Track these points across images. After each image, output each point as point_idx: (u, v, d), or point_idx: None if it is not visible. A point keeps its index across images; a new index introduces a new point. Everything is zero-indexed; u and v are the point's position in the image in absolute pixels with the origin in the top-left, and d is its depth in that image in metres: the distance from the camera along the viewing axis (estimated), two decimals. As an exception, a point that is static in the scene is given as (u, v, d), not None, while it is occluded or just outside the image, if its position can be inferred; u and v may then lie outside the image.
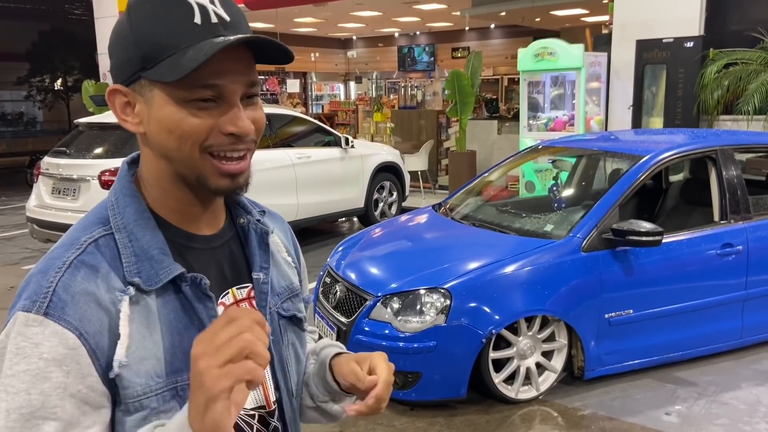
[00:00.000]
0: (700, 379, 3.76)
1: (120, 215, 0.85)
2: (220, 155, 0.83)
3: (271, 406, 0.95)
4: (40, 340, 0.74)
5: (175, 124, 0.80)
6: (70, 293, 0.76)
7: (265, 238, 0.97)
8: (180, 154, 0.82)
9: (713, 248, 3.83)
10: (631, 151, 4.15)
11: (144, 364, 0.79)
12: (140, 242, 0.83)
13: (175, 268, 0.83)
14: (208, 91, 0.80)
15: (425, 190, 9.85)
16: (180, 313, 0.84)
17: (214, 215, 0.93)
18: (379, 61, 21.44)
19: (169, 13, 0.79)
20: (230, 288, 0.92)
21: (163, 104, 0.81)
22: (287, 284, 1.01)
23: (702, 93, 6.80)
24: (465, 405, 3.48)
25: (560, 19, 13.69)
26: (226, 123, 0.81)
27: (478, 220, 4.30)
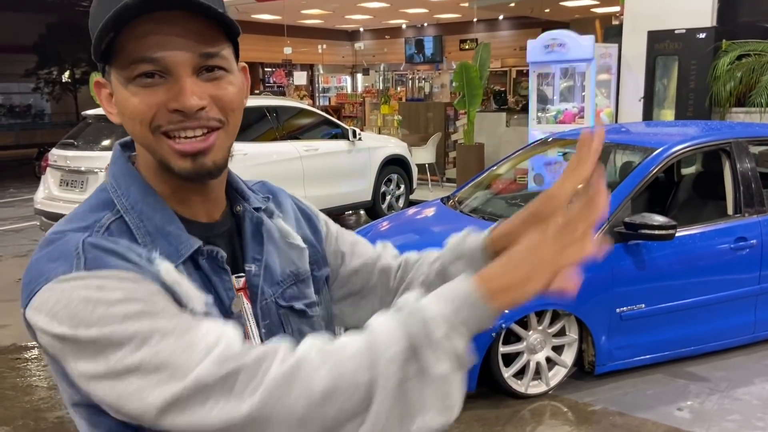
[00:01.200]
0: (712, 374, 3.72)
1: (125, 196, 0.81)
2: (174, 135, 0.78)
3: None
4: (100, 283, 0.70)
5: (123, 105, 0.78)
6: (100, 250, 0.73)
7: (260, 229, 0.93)
8: (139, 138, 0.80)
9: (727, 242, 3.78)
10: (644, 143, 4.09)
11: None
12: (152, 221, 0.80)
13: (193, 242, 0.81)
14: (147, 65, 0.75)
15: (433, 183, 9.80)
16: (199, 287, 0.81)
17: (213, 203, 0.89)
18: (386, 53, 21.36)
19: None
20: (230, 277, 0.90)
21: (117, 87, 0.78)
22: (291, 270, 0.95)
23: (714, 85, 6.72)
24: (474, 399, 3.45)
25: (570, 10, 13.58)
26: (170, 99, 0.76)
27: (488, 213, 4.26)
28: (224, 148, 0.82)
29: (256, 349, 0.71)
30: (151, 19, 0.74)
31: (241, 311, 0.86)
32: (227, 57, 0.81)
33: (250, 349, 0.71)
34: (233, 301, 0.85)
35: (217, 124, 0.80)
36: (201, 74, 0.78)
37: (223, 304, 0.83)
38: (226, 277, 0.85)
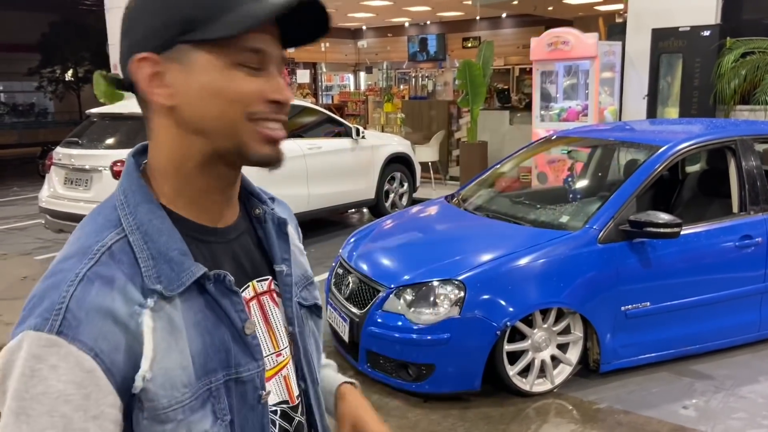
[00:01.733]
0: (718, 372, 3.71)
1: (132, 215, 0.79)
2: (263, 123, 0.80)
3: (294, 400, 0.93)
4: (55, 362, 0.69)
5: (222, 87, 0.77)
6: (84, 310, 0.71)
7: (284, 228, 0.95)
8: (222, 121, 0.78)
9: (732, 240, 3.77)
10: (649, 141, 4.09)
11: (168, 374, 0.75)
12: (157, 244, 0.78)
13: (197, 269, 0.79)
14: (254, 56, 0.78)
15: (436, 181, 9.80)
16: (207, 312, 0.80)
17: (231, 206, 0.89)
18: (389, 51, 21.33)
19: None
20: (250, 281, 0.89)
21: (209, 68, 0.77)
22: (302, 273, 0.99)
23: (719, 82, 6.70)
24: (479, 398, 3.45)
25: (573, 7, 13.54)
26: (271, 90, 0.80)
27: (492, 211, 4.26)
28: None
29: None
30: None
31: (254, 332, 0.85)
32: None
33: None
34: (246, 324, 0.83)
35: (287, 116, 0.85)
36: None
37: (235, 327, 0.82)
38: (236, 298, 0.83)
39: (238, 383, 0.82)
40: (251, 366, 0.83)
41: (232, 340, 0.82)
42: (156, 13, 0.77)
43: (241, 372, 0.82)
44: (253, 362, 0.83)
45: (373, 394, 3.54)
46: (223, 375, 0.80)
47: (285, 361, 0.91)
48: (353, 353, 3.65)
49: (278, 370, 0.90)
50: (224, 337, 0.81)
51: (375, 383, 3.61)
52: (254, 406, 0.84)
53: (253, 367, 0.83)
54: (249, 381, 0.83)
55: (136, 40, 0.79)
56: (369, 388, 3.60)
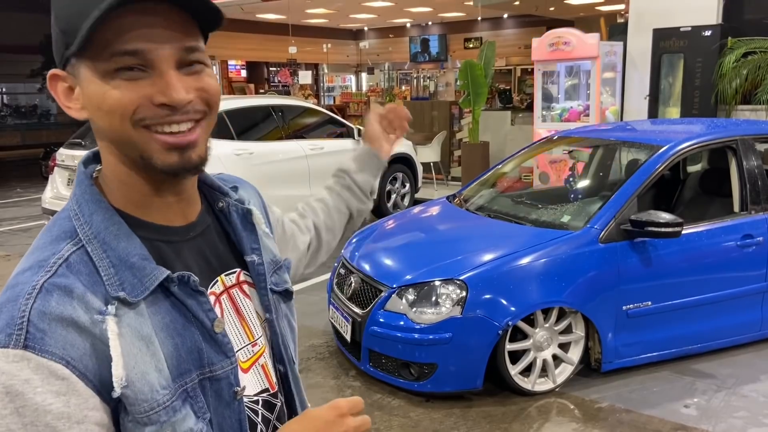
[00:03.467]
0: (719, 371, 3.72)
1: (87, 224, 0.78)
2: (158, 129, 0.76)
3: (274, 387, 0.94)
4: (28, 376, 0.68)
5: (100, 99, 0.74)
6: (46, 321, 0.70)
7: (249, 218, 0.94)
8: (113, 132, 0.76)
9: (733, 239, 3.78)
10: (650, 141, 4.10)
11: (146, 378, 0.74)
12: (116, 251, 0.77)
13: (159, 273, 0.78)
14: (130, 59, 0.73)
15: (438, 182, 9.81)
16: (175, 314, 0.80)
17: (188, 203, 0.87)
18: (391, 52, 21.35)
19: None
20: (218, 276, 0.89)
21: (90, 80, 0.75)
22: (271, 258, 0.98)
23: (720, 82, 6.70)
24: (481, 397, 3.46)
25: (574, 8, 13.55)
26: (156, 93, 0.74)
27: (494, 211, 4.27)
28: (206, 141, 0.82)
29: None
30: (134, 10, 0.73)
31: (224, 330, 0.84)
32: (204, 51, 0.81)
33: None
34: (215, 323, 0.83)
35: (201, 116, 0.80)
36: (182, 68, 0.77)
37: (204, 326, 0.82)
38: (203, 298, 0.83)
39: (212, 381, 0.82)
40: (224, 363, 0.83)
41: (203, 340, 0.81)
42: (52, 30, 0.77)
43: (214, 370, 0.82)
44: (226, 359, 0.84)
45: (376, 394, 3.55)
46: (198, 374, 0.80)
47: (261, 350, 0.92)
48: (355, 353, 3.66)
49: (255, 359, 0.91)
50: (195, 337, 0.81)
51: (377, 382, 3.62)
52: (230, 403, 0.84)
53: (226, 364, 0.84)
54: (223, 378, 0.83)
55: (55, 56, 0.78)
56: (371, 388, 3.62)
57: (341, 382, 3.73)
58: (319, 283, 5.48)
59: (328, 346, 4.21)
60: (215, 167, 0.90)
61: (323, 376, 3.81)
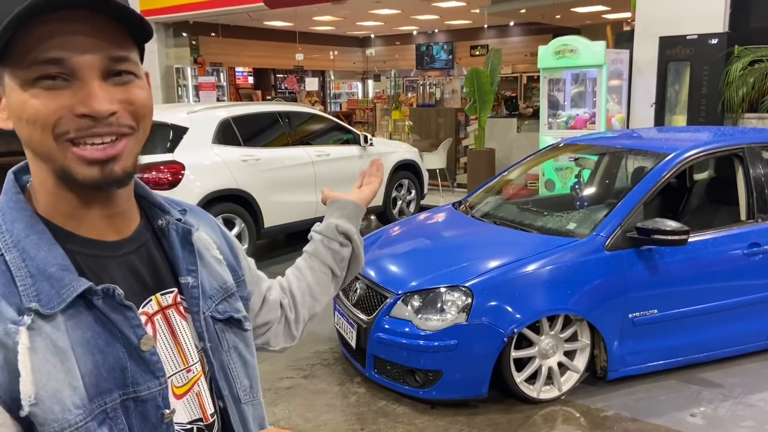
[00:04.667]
0: (726, 380, 3.70)
1: (8, 232, 0.75)
2: (80, 142, 0.73)
3: (208, 419, 0.87)
4: None
5: (20, 109, 0.72)
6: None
7: (189, 238, 0.89)
8: (35, 144, 0.74)
9: (740, 248, 3.76)
10: (656, 148, 4.09)
11: (57, 396, 0.70)
12: (35, 260, 0.74)
13: (78, 284, 0.74)
14: (51, 67, 0.70)
15: (443, 189, 9.81)
16: (98, 329, 0.75)
17: (122, 218, 0.83)
18: (397, 59, 21.41)
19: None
20: (153, 294, 0.84)
21: (12, 89, 0.72)
22: (220, 284, 0.93)
23: (726, 90, 6.69)
24: (486, 404, 3.45)
25: (581, 16, 13.57)
26: (78, 103, 0.71)
27: (499, 218, 4.27)
28: (134, 154, 0.78)
29: None
30: (55, 17, 0.70)
31: (154, 348, 0.80)
32: (135, 61, 0.78)
33: None
34: (142, 340, 0.78)
35: (128, 131, 0.76)
36: (109, 78, 0.74)
37: (130, 343, 0.77)
38: (131, 313, 0.78)
39: (137, 402, 0.77)
40: (152, 384, 0.78)
41: (128, 358, 0.77)
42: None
43: (140, 390, 0.77)
44: (154, 380, 0.79)
45: (380, 400, 3.55)
46: (120, 394, 0.76)
47: (196, 377, 0.86)
48: (360, 359, 3.66)
49: (190, 386, 0.85)
50: (118, 355, 0.76)
51: (382, 389, 3.62)
52: (157, 426, 0.79)
53: (154, 384, 0.79)
54: (150, 399, 0.78)
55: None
56: (376, 394, 3.61)
57: (346, 389, 3.72)
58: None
59: (333, 352, 4.21)
60: (222, 173, 0.87)
61: (328, 382, 3.81)
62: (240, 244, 1.08)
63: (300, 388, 3.73)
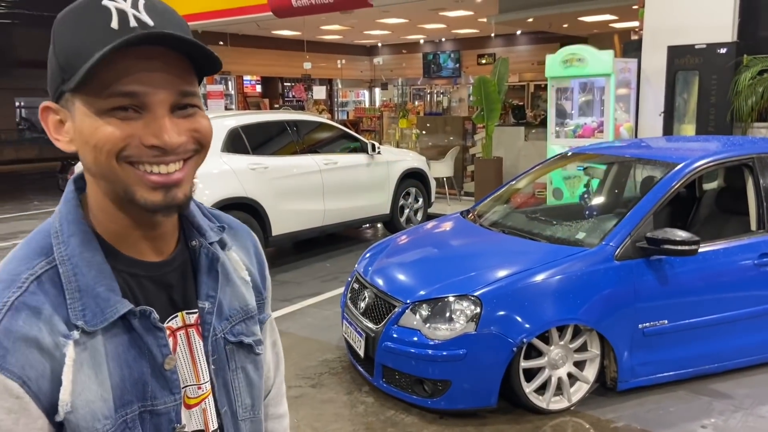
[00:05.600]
0: (736, 391, 3.67)
1: (64, 245, 0.80)
2: (145, 168, 0.78)
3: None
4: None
5: (90, 134, 0.76)
6: (11, 339, 0.73)
7: (215, 265, 0.93)
8: (99, 167, 0.78)
9: (750, 258, 3.74)
10: (665, 158, 4.08)
11: (90, 407, 0.77)
12: (86, 278, 0.79)
13: (122, 306, 0.80)
14: (125, 99, 0.75)
15: (451, 197, 9.81)
16: (129, 346, 0.81)
17: (164, 240, 0.88)
18: (404, 68, 21.47)
19: (87, 21, 0.75)
20: (180, 312, 0.89)
21: (83, 116, 0.77)
22: (241, 306, 0.97)
23: (736, 100, 6.67)
24: (495, 414, 3.43)
25: (588, 25, 13.57)
26: (148, 134, 0.76)
27: (508, 227, 4.26)
28: (192, 178, 0.83)
29: None
30: (133, 53, 0.74)
31: (174, 367, 0.86)
32: (199, 95, 0.82)
33: None
34: (166, 359, 0.84)
35: (192, 154, 0.82)
36: (175, 112, 0.79)
37: (155, 361, 0.83)
38: (161, 334, 0.84)
39: (153, 415, 0.83)
40: (167, 399, 0.84)
41: (151, 374, 0.83)
42: (50, 63, 0.79)
43: (156, 405, 0.83)
44: (170, 396, 0.85)
45: (389, 410, 3.54)
46: (139, 406, 0.82)
47: (205, 395, 0.92)
48: (369, 368, 3.65)
49: (199, 401, 0.91)
50: (143, 370, 0.82)
51: (390, 399, 3.61)
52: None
53: (170, 400, 0.85)
54: (164, 414, 0.84)
55: (48, 88, 0.81)
56: (384, 404, 3.60)
57: (354, 398, 3.71)
58: (333, 298, 5.49)
59: (341, 361, 4.20)
60: (230, 181, 0.88)
61: (336, 391, 3.80)
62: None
63: (308, 398, 3.72)
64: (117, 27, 0.74)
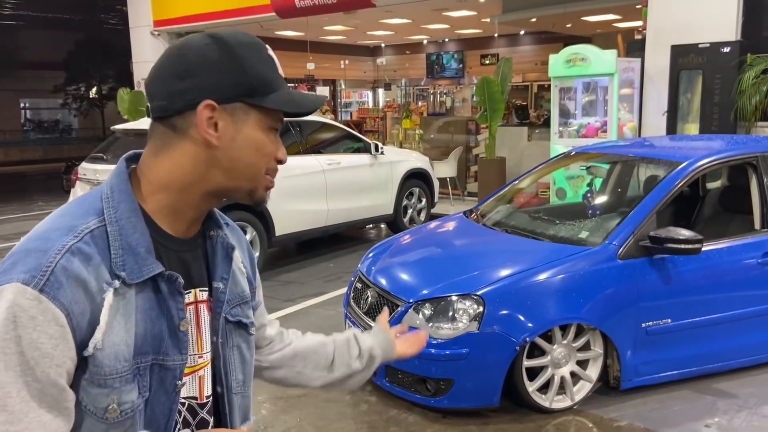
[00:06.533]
0: (740, 391, 3.66)
1: (114, 209, 0.94)
2: (269, 176, 1.03)
3: (202, 398, 1.06)
4: (35, 314, 0.82)
5: (263, 144, 1.00)
6: (65, 276, 0.85)
7: (230, 253, 1.09)
8: (253, 168, 1.00)
9: (754, 257, 3.73)
10: (669, 157, 4.07)
11: (115, 348, 0.89)
12: (129, 238, 0.92)
13: (156, 267, 0.94)
14: (280, 124, 1.02)
15: (454, 197, 9.81)
16: (154, 304, 0.95)
17: (197, 223, 1.05)
18: (408, 68, 21.47)
19: (268, 61, 1.00)
20: (194, 288, 1.03)
21: (256, 127, 0.98)
22: (239, 292, 1.13)
23: (739, 99, 6.65)
24: (498, 413, 3.44)
25: (592, 24, 13.55)
26: (280, 153, 1.03)
27: (511, 226, 4.26)
28: None
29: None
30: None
31: (187, 330, 1.00)
32: None
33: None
34: (181, 321, 0.98)
35: None
36: None
37: (172, 322, 0.97)
38: (180, 299, 0.98)
39: (162, 368, 0.96)
40: (176, 358, 0.98)
41: (167, 332, 0.96)
42: (226, 72, 0.95)
43: (167, 360, 0.97)
44: (179, 355, 0.98)
45: (392, 409, 3.54)
46: (152, 358, 0.94)
47: (203, 364, 1.05)
48: (372, 367, 3.65)
49: (196, 369, 1.04)
50: (161, 328, 0.96)
51: (393, 398, 3.61)
52: (169, 392, 0.98)
53: (178, 359, 0.98)
54: (171, 369, 0.97)
55: (201, 87, 0.95)
56: (387, 403, 3.60)
57: (357, 397, 3.72)
58: (336, 298, 5.50)
59: (344, 361, 4.20)
60: None
61: (339, 390, 3.80)
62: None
63: (311, 397, 3.73)
64: (281, 74, 1.02)
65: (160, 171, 0.97)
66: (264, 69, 0.99)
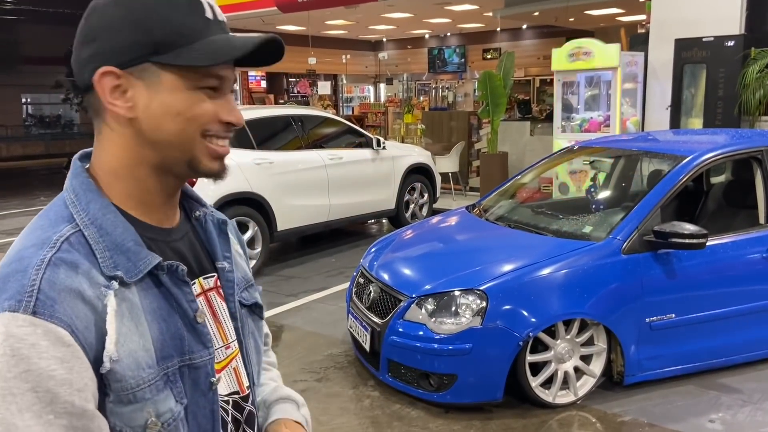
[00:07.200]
0: (745, 386, 3.64)
1: (84, 211, 0.83)
2: (213, 141, 0.87)
3: (244, 390, 0.98)
4: (35, 340, 0.71)
5: (185, 107, 0.83)
6: (55, 290, 0.74)
7: (224, 228, 1.01)
8: (179, 137, 0.84)
9: (759, 251, 3.71)
10: (673, 151, 4.05)
11: (133, 356, 0.78)
12: (112, 236, 0.82)
13: (152, 258, 0.84)
14: (216, 81, 0.85)
15: (456, 192, 9.79)
16: (161, 301, 0.85)
17: (174, 209, 0.94)
18: (410, 63, 21.42)
19: (184, 7, 0.82)
20: (197, 278, 0.93)
21: (174, 89, 0.82)
22: (242, 274, 1.04)
23: (743, 93, 6.62)
24: (501, 409, 3.43)
25: (595, 18, 13.50)
26: (226, 112, 0.86)
27: (514, 221, 4.24)
28: None
29: None
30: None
31: (205, 321, 0.89)
32: None
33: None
34: (197, 313, 0.88)
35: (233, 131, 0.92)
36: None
37: (186, 315, 0.87)
38: (187, 289, 0.88)
39: (191, 369, 0.86)
40: (203, 353, 0.88)
41: (185, 328, 0.86)
42: (125, 31, 0.81)
43: (194, 359, 0.86)
44: (205, 350, 0.88)
45: (395, 404, 3.53)
46: (178, 361, 0.84)
47: (234, 354, 0.97)
48: (374, 362, 3.65)
49: (228, 362, 0.95)
50: (178, 325, 0.85)
51: (396, 393, 3.60)
52: (205, 393, 0.88)
53: (205, 354, 0.88)
54: (201, 367, 0.87)
55: (101, 52, 0.82)
56: (390, 398, 3.60)
57: (360, 392, 3.71)
58: (338, 293, 5.49)
59: (346, 356, 4.20)
60: (236, 176, 0.94)
61: (342, 385, 3.80)
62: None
63: (314, 392, 3.72)
64: (211, 18, 0.84)
65: (104, 160, 0.87)
66: (177, 18, 0.81)
